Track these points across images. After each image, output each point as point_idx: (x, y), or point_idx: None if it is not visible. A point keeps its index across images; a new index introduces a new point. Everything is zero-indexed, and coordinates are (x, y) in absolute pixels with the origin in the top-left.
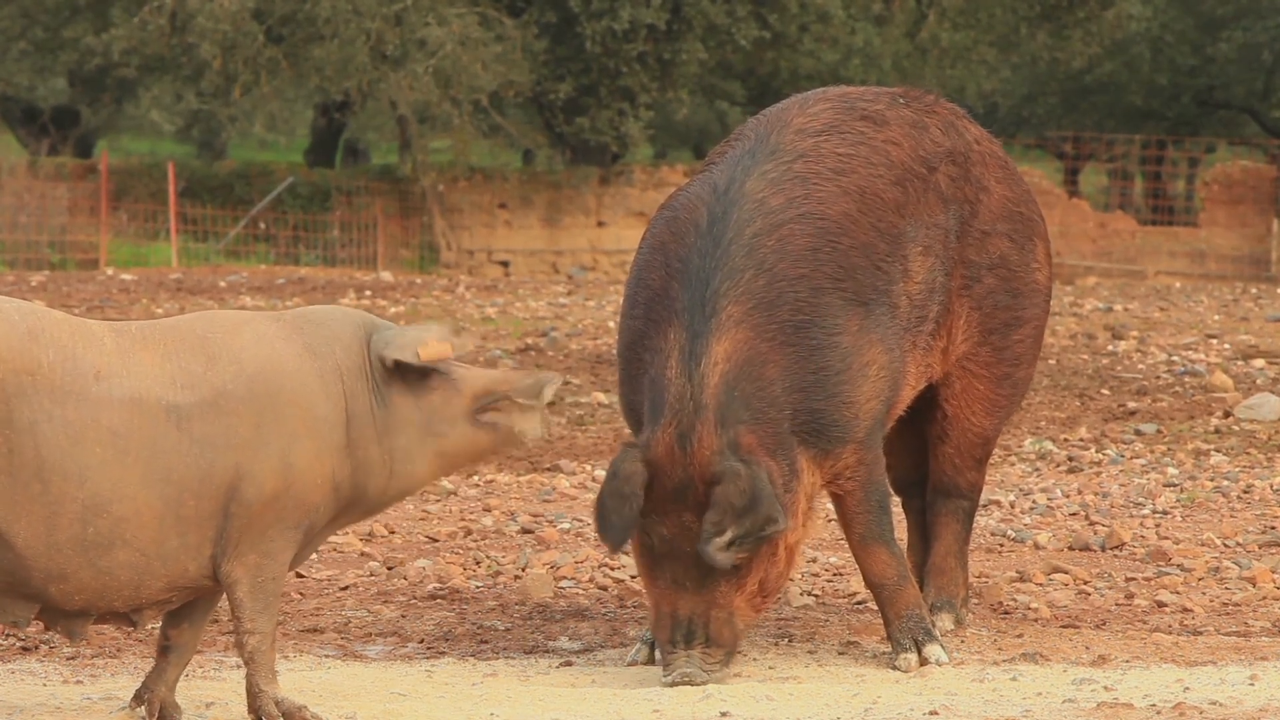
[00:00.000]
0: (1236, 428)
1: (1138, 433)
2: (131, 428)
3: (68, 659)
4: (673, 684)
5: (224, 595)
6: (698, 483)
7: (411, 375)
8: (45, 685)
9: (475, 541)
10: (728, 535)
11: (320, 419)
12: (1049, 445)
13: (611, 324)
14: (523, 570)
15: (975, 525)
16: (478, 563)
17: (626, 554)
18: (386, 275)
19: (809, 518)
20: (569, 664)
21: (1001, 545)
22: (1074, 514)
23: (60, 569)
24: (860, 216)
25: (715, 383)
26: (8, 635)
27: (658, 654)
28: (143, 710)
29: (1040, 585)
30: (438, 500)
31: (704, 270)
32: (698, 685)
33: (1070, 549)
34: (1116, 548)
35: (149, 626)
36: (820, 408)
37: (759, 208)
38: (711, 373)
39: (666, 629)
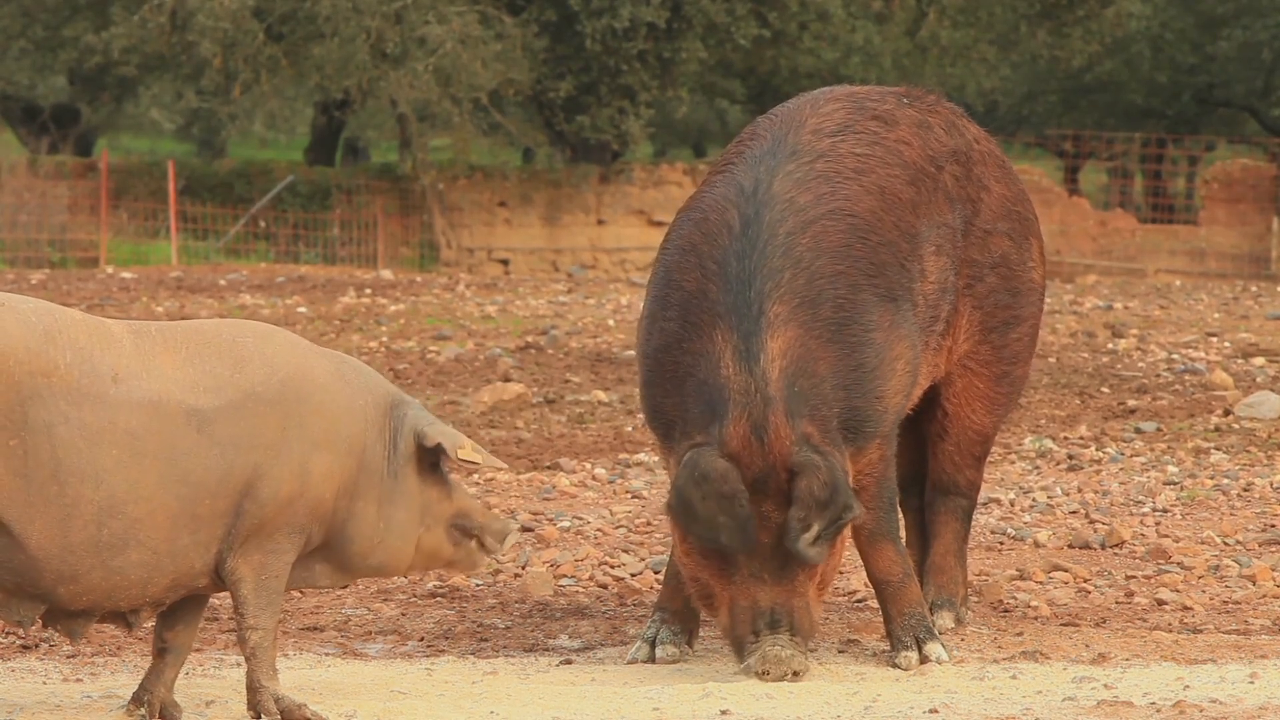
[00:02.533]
0: (1236, 426)
1: (1138, 431)
2: (150, 430)
3: (67, 657)
4: (760, 664)
5: (209, 597)
6: (779, 471)
7: (425, 464)
8: (45, 683)
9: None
10: (814, 530)
11: (340, 435)
12: (1049, 443)
13: (612, 322)
14: (523, 568)
15: (975, 523)
16: None
17: (627, 552)
18: (387, 273)
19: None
20: (569, 662)
21: (1001, 543)
22: (1074, 512)
23: (72, 570)
24: (884, 215)
25: (777, 377)
26: (7, 633)
27: (658, 652)
28: (143, 711)
29: (1040, 583)
30: None
31: (743, 272)
32: (786, 662)
33: (1070, 547)
34: (1116, 546)
35: (145, 626)
36: (859, 404)
37: (789, 206)
38: (772, 368)
39: (746, 622)
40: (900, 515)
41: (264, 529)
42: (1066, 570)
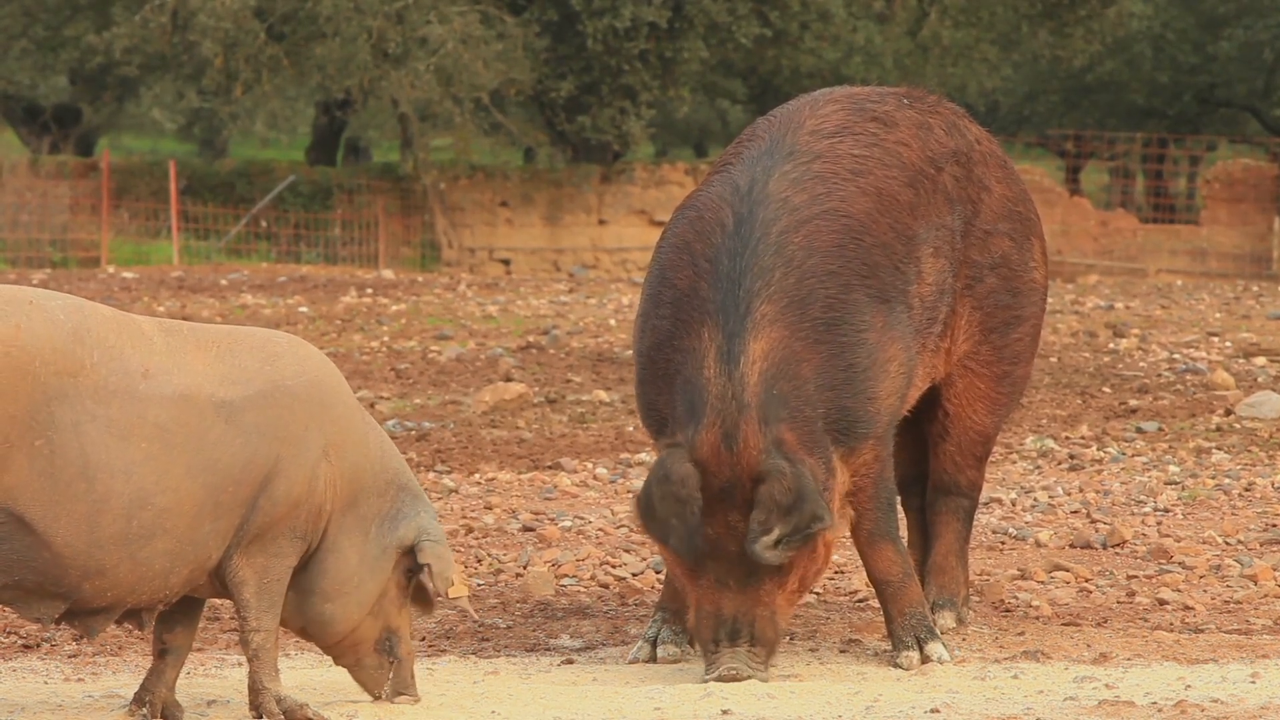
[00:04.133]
0: (1238, 426)
1: (1139, 430)
2: (179, 422)
3: (69, 657)
4: (718, 680)
5: (206, 600)
6: (745, 481)
7: (405, 563)
8: (47, 683)
9: (477, 539)
10: (775, 534)
11: (348, 457)
12: (1050, 443)
13: (613, 322)
14: (524, 568)
15: (976, 523)
16: (479, 560)
17: (628, 551)
18: (388, 273)
19: (842, 515)
20: (570, 662)
21: (1003, 543)
22: (1075, 512)
23: (100, 565)
24: (880, 216)
25: (755, 381)
26: (9, 633)
27: (659, 652)
28: (144, 712)
29: (1041, 583)
30: (439, 498)
31: (734, 270)
32: (744, 680)
33: (1072, 547)
34: (1118, 545)
35: (149, 627)
36: (849, 405)
37: (783, 205)
38: (751, 371)
39: (710, 628)
40: (901, 515)
41: (271, 530)
42: (1068, 570)
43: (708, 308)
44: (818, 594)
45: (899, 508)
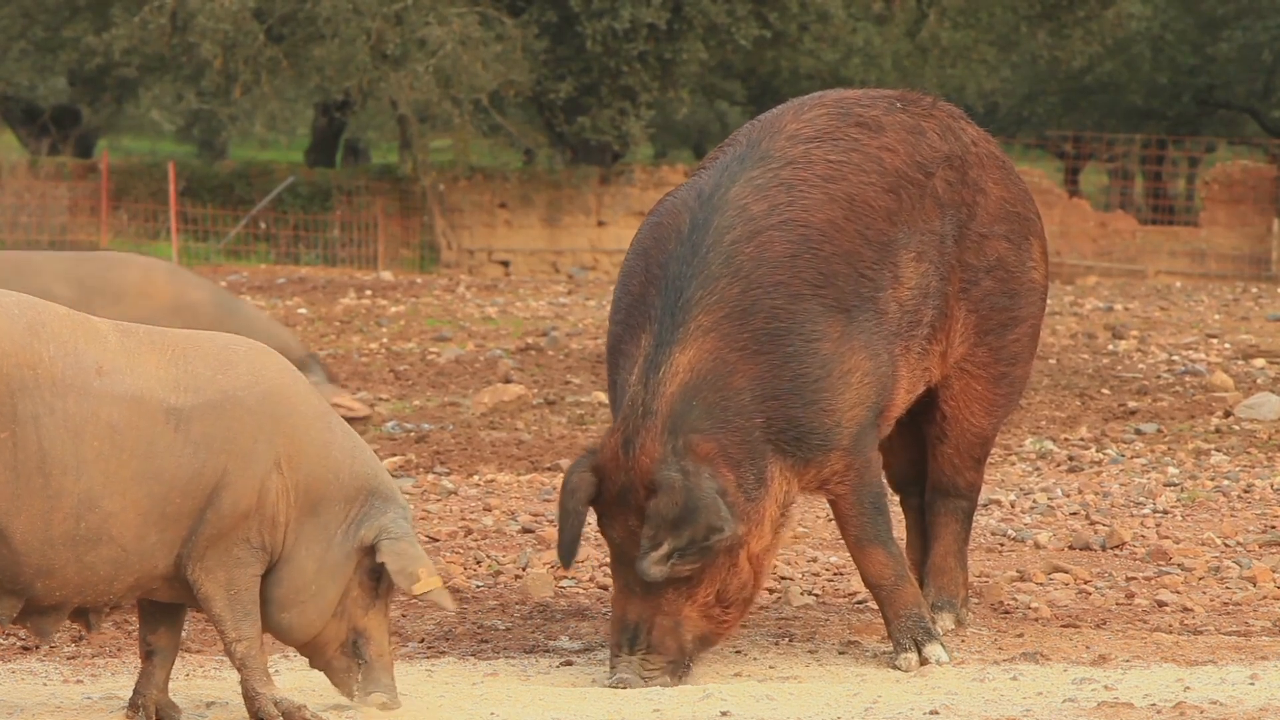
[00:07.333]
0: (1237, 427)
1: (1138, 432)
2: (130, 424)
3: (68, 659)
4: (611, 687)
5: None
6: (639, 488)
7: (370, 565)
8: (46, 685)
9: (476, 541)
10: (664, 548)
11: (301, 468)
12: (1049, 445)
13: None
14: (523, 570)
15: (975, 524)
16: (478, 562)
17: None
18: (387, 275)
19: (780, 527)
20: (569, 663)
21: (1002, 544)
22: (1074, 513)
23: (50, 564)
24: (846, 224)
25: (672, 391)
26: (8, 635)
27: None
28: (140, 716)
29: (1041, 585)
30: (438, 500)
31: (680, 277)
32: (633, 690)
33: (1071, 548)
34: (1117, 547)
35: (97, 629)
36: (798, 415)
37: (740, 214)
38: (669, 381)
39: (614, 632)
40: (899, 516)
41: (221, 541)
42: (1067, 572)
43: (650, 313)
44: (816, 595)
45: (898, 509)
